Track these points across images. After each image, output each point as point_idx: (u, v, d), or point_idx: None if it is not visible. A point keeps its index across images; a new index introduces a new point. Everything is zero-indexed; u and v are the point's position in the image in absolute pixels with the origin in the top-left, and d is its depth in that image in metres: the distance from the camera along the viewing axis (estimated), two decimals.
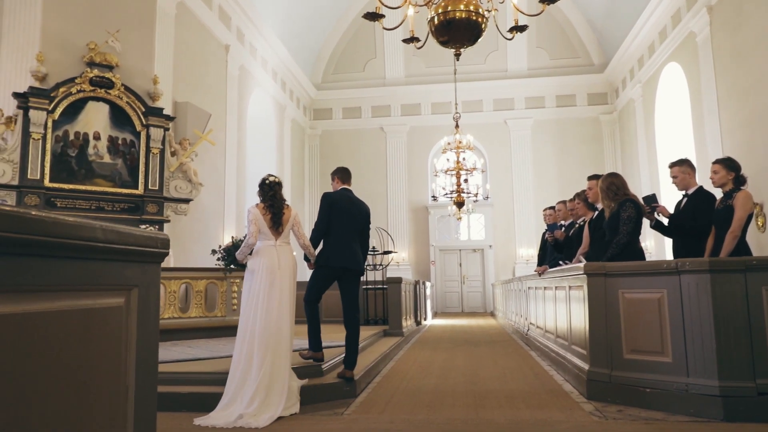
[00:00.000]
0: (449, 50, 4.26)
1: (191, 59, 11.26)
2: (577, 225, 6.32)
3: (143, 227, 7.68)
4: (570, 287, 5.12)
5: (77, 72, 8.74)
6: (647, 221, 5.04)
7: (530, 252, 17.93)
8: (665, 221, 5.11)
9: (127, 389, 1.51)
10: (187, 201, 9.76)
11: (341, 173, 5.08)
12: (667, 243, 13.00)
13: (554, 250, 6.73)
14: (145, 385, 1.58)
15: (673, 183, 4.98)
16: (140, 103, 9.19)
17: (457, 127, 13.05)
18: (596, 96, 18.76)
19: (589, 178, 5.74)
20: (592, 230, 5.43)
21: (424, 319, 13.15)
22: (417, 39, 4.19)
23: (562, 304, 5.54)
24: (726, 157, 4.69)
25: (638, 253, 4.67)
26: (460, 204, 13.72)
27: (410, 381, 5.30)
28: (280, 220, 4.28)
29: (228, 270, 4.72)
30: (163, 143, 9.45)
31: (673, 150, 13.60)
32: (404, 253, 18.52)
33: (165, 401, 3.91)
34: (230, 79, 12.94)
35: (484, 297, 18.70)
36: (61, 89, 8.54)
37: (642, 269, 4.17)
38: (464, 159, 13.71)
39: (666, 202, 5.16)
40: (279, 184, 4.40)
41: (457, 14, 3.80)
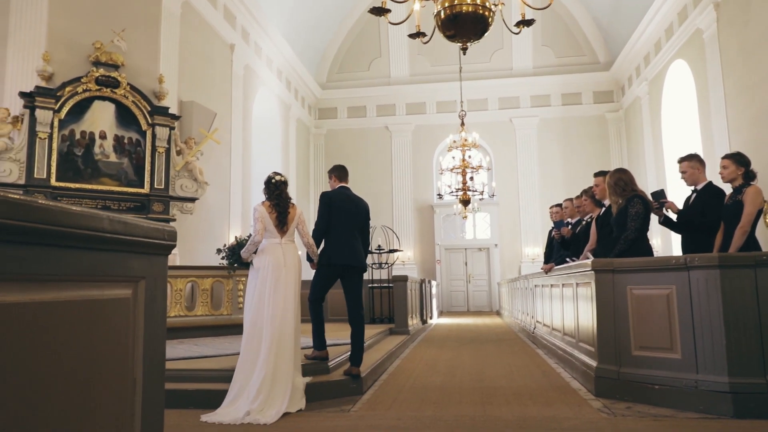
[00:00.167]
0: (454, 49, 4.26)
1: (196, 58, 11.28)
2: (584, 222, 6.28)
3: None
4: (577, 284, 5.10)
5: (83, 71, 8.76)
6: (655, 217, 5.01)
7: (536, 251, 17.88)
8: (674, 217, 5.07)
9: (135, 382, 1.50)
10: (193, 200, 9.77)
11: (338, 171, 5.11)
12: (674, 241, 12.97)
13: (561, 248, 6.70)
14: (153, 379, 1.57)
15: (682, 178, 4.94)
16: (146, 103, 9.20)
17: (463, 125, 13.02)
18: (602, 94, 18.69)
19: (596, 175, 5.71)
20: (599, 227, 5.40)
21: (430, 318, 13.13)
22: (423, 34, 4.17)
23: (570, 302, 5.51)
24: (735, 152, 4.65)
25: (646, 250, 4.64)
26: (466, 202, 13.69)
27: (417, 379, 5.28)
28: (286, 219, 4.30)
29: (232, 269, 4.73)
30: (169, 142, 9.47)
31: (680, 148, 13.53)
32: (410, 252, 18.50)
33: (171, 398, 3.90)
34: (235, 79, 12.95)
35: (490, 296, 18.66)
36: (67, 88, 8.56)
37: (650, 265, 4.14)
38: (470, 157, 13.68)
39: (673, 199, 5.11)
40: (285, 183, 4.43)
41: (464, 8, 3.78)
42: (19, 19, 8.74)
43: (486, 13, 3.79)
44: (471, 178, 13.75)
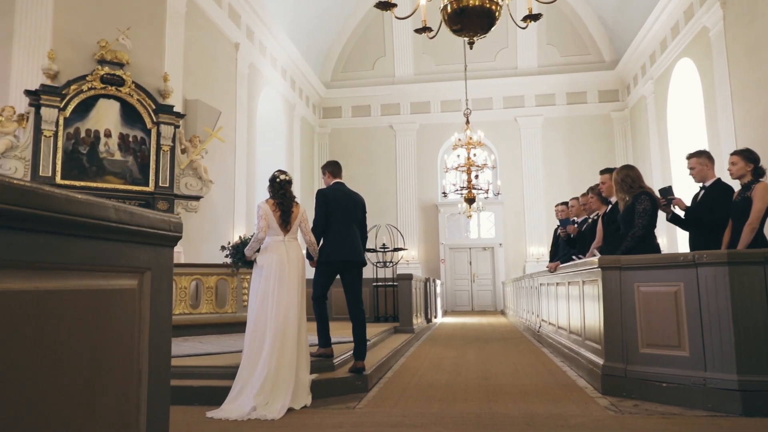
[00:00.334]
0: (459, 48, 4.26)
1: (201, 57, 11.28)
2: (590, 220, 6.25)
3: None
4: (584, 282, 5.07)
5: (88, 70, 8.77)
6: (662, 214, 4.97)
7: (541, 250, 17.83)
8: (681, 214, 5.03)
9: (140, 373, 1.48)
10: (198, 198, 9.78)
11: (332, 167, 5.14)
12: (680, 239, 12.92)
13: (567, 246, 6.67)
14: (158, 371, 1.55)
15: (690, 174, 4.89)
16: (151, 101, 9.20)
17: (468, 123, 12.98)
18: (607, 93, 18.63)
19: (602, 172, 5.68)
20: (606, 224, 5.37)
21: (435, 317, 13.10)
22: (429, 29, 4.14)
23: (576, 299, 5.48)
24: (744, 148, 4.60)
25: (654, 247, 4.61)
26: (471, 200, 13.64)
27: (422, 376, 5.26)
28: (289, 218, 4.33)
29: (236, 268, 4.74)
30: (174, 140, 9.47)
31: (686, 147, 13.45)
32: (414, 252, 18.48)
33: (176, 395, 3.88)
34: (240, 77, 12.95)
35: (494, 295, 18.61)
36: (73, 87, 8.57)
37: (658, 262, 4.10)
38: (475, 155, 13.64)
39: (680, 196, 5.07)
40: (289, 182, 4.46)
41: (471, 2, 3.75)
42: (25, 18, 8.75)
43: (493, 7, 3.77)
44: (476, 176, 13.71)
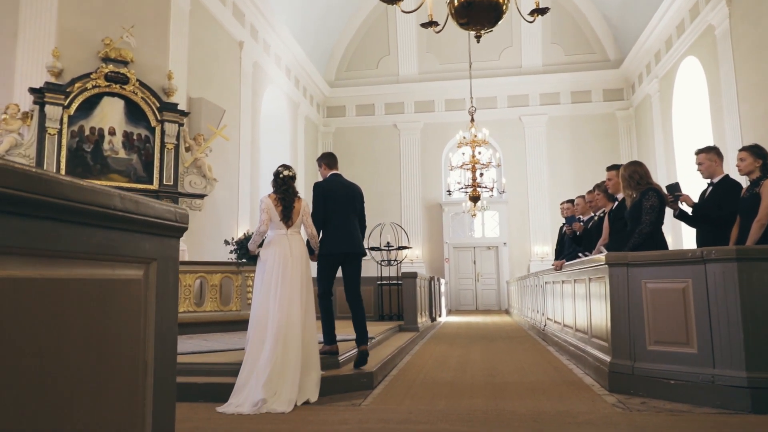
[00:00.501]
0: (463, 47, 4.24)
1: (205, 55, 11.27)
2: (596, 217, 6.22)
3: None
4: (590, 279, 5.03)
5: (93, 67, 8.78)
6: (670, 211, 4.93)
7: (545, 249, 17.78)
8: (689, 210, 4.99)
9: (146, 365, 1.47)
10: (202, 196, 9.77)
11: (328, 159, 5.12)
12: (685, 237, 12.85)
13: (572, 243, 6.64)
14: (164, 362, 1.53)
15: (698, 170, 4.86)
16: (155, 99, 9.20)
17: (473, 121, 12.94)
18: (612, 92, 18.57)
19: (609, 169, 5.64)
20: (612, 221, 5.34)
21: (439, 316, 13.07)
22: (436, 23, 4.12)
23: (582, 297, 5.45)
24: (753, 144, 4.56)
25: (661, 243, 4.57)
26: (476, 198, 13.60)
27: (427, 374, 5.23)
28: (291, 213, 4.35)
29: (240, 264, 4.75)
30: (178, 139, 9.47)
31: (691, 146, 13.41)
32: (418, 251, 18.45)
33: (181, 392, 3.87)
34: (244, 76, 12.94)
35: (499, 294, 18.57)
36: (77, 84, 8.57)
37: (666, 258, 4.07)
38: (480, 153, 13.60)
39: (687, 193, 5.03)
40: (292, 178, 4.47)
41: None
42: (29, 15, 8.75)
43: (500, 0, 3.74)
44: (481, 174, 13.67)
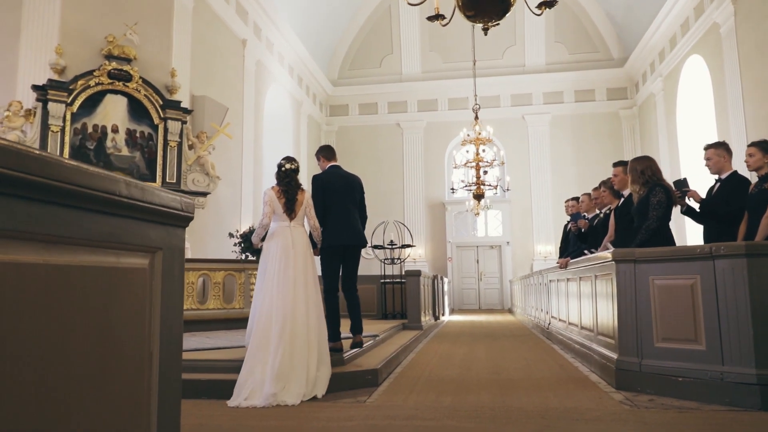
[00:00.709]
0: (466, 45, 4.20)
1: (208, 53, 11.25)
2: (602, 214, 6.18)
3: None
4: (596, 276, 5.00)
5: (96, 65, 8.76)
6: (677, 207, 4.89)
7: (548, 248, 17.74)
8: (696, 206, 4.95)
9: (151, 356, 1.44)
10: (205, 194, 9.75)
11: (325, 151, 5.15)
12: (690, 234, 12.78)
13: (578, 240, 6.60)
14: (170, 354, 1.50)
15: (706, 165, 4.82)
16: (158, 96, 9.18)
17: (477, 119, 12.90)
18: (616, 91, 18.50)
19: (615, 165, 5.60)
20: (618, 217, 5.30)
21: (442, 315, 13.03)
22: (442, 16, 4.08)
23: (587, 294, 5.41)
24: (762, 140, 4.52)
25: (669, 239, 4.53)
26: (480, 196, 13.55)
27: (432, 371, 5.20)
28: (294, 206, 4.35)
29: (244, 257, 4.74)
30: (181, 136, 9.45)
31: (696, 145, 13.36)
32: (421, 250, 18.40)
33: (184, 388, 3.83)
34: (247, 74, 12.92)
35: (502, 294, 18.52)
36: (80, 82, 8.56)
37: (674, 254, 4.03)
38: (484, 151, 13.56)
39: (694, 189, 4.99)
40: (295, 171, 4.47)
41: None
42: (32, 13, 8.74)
43: None
44: (485, 172, 13.62)
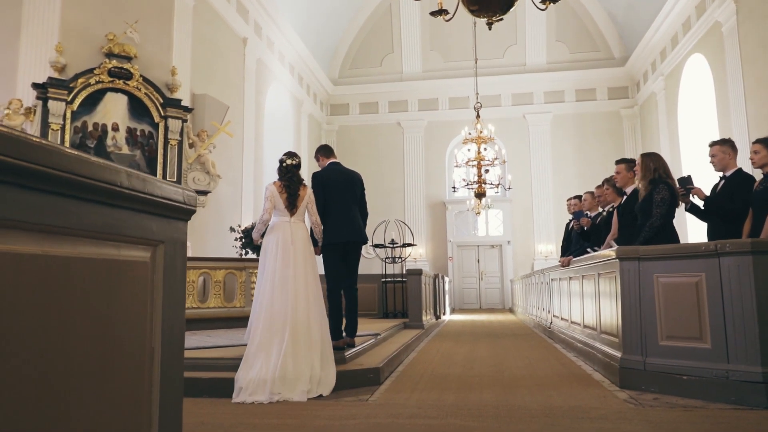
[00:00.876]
0: (467, 45, 4.18)
1: (209, 51, 11.22)
2: (605, 212, 6.15)
3: None
4: (599, 274, 4.97)
5: (96, 63, 8.73)
6: (681, 205, 4.86)
7: (549, 248, 17.71)
8: (700, 204, 4.92)
9: (153, 352, 1.41)
10: (205, 193, 9.72)
11: (323, 151, 5.19)
12: (691, 232, 12.75)
13: (580, 239, 6.56)
14: (172, 350, 1.47)
15: (711, 162, 4.78)
16: (158, 95, 9.15)
17: (478, 117, 12.86)
18: (617, 90, 18.47)
19: (618, 162, 5.56)
20: (621, 215, 5.27)
21: (443, 314, 13.01)
22: (446, 11, 4.06)
23: (590, 293, 5.38)
24: (767, 137, 4.49)
25: (673, 237, 4.50)
26: (481, 195, 13.52)
27: (434, 370, 5.17)
28: (296, 201, 4.35)
29: (244, 252, 4.74)
30: (182, 135, 9.42)
31: (697, 144, 13.33)
32: (421, 249, 18.37)
33: (185, 387, 3.81)
34: (248, 73, 12.89)
35: (503, 293, 18.49)
36: (80, 80, 8.53)
37: (679, 252, 3.99)
38: (485, 149, 13.52)
39: (699, 187, 4.95)
40: (296, 166, 4.47)
41: None
42: (33, 10, 8.71)
43: None
44: (486, 171, 13.59)
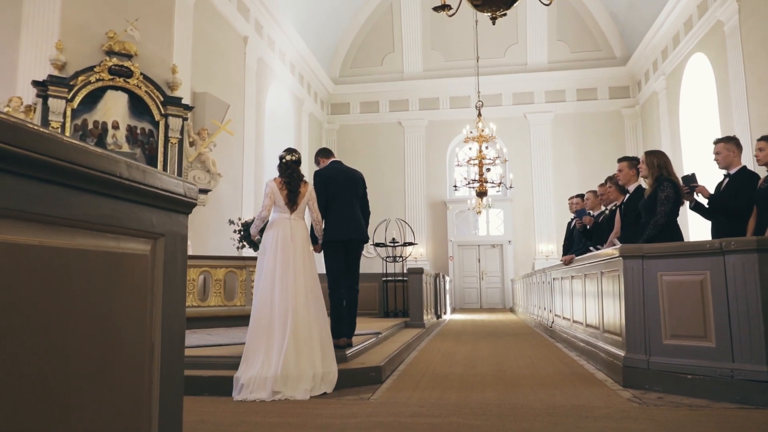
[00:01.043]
0: (468, 44, 4.15)
1: (210, 50, 11.19)
2: (607, 211, 6.12)
3: None
4: (602, 273, 4.94)
5: (96, 61, 8.71)
6: (685, 203, 4.83)
7: (550, 247, 17.68)
8: (704, 202, 4.90)
9: (153, 347, 1.38)
10: (206, 191, 9.70)
11: (323, 153, 5.22)
12: (692, 230, 12.72)
13: (583, 237, 6.53)
14: (172, 346, 1.44)
15: (715, 159, 4.76)
16: (159, 93, 9.13)
17: (480, 116, 12.83)
18: (618, 89, 18.44)
19: (620, 160, 5.52)
20: (624, 213, 5.23)
21: (444, 314, 12.98)
22: (449, 6, 4.03)
23: (593, 292, 5.35)
24: None
25: (677, 235, 4.47)
26: (483, 194, 13.49)
27: (436, 369, 5.14)
28: (296, 198, 4.32)
29: (241, 245, 4.73)
30: (182, 133, 9.40)
31: (699, 144, 13.31)
32: (422, 249, 18.35)
33: (185, 385, 3.79)
34: (248, 71, 12.86)
35: (503, 293, 18.46)
36: (80, 78, 8.50)
37: (683, 250, 3.96)
38: (487, 148, 13.49)
39: (703, 184, 4.93)
40: (296, 162, 4.44)
41: None
42: (33, 8, 8.69)
43: None
44: (488, 170, 13.56)
